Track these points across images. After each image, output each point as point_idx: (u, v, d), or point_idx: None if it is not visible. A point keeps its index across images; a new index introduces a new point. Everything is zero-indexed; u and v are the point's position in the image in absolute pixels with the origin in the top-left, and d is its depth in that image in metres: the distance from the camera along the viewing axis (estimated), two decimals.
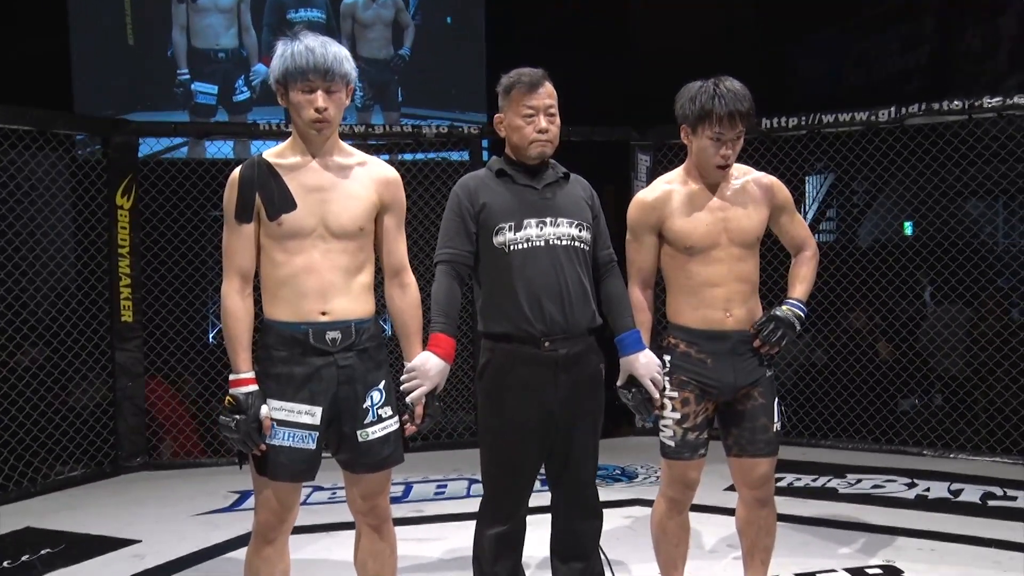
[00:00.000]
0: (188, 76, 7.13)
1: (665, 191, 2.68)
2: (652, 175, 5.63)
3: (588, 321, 2.61)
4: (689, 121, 2.60)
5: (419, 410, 2.47)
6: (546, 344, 2.54)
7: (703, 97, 2.55)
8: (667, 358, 2.67)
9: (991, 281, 5.21)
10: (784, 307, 2.68)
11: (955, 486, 4.43)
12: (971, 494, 4.30)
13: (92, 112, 6.57)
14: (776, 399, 2.71)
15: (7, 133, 4.62)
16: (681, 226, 2.62)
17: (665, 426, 2.66)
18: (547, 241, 2.56)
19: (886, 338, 5.62)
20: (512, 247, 2.55)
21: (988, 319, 5.35)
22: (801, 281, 2.74)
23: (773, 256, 4.62)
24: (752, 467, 2.68)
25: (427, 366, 2.47)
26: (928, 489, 4.41)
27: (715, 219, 2.62)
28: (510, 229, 2.55)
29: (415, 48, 7.53)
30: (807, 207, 7.03)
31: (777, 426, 2.69)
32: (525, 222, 2.56)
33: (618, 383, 2.68)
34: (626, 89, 7.33)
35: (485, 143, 5.70)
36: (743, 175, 2.69)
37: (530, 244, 2.55)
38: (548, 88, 2.59)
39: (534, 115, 2.56)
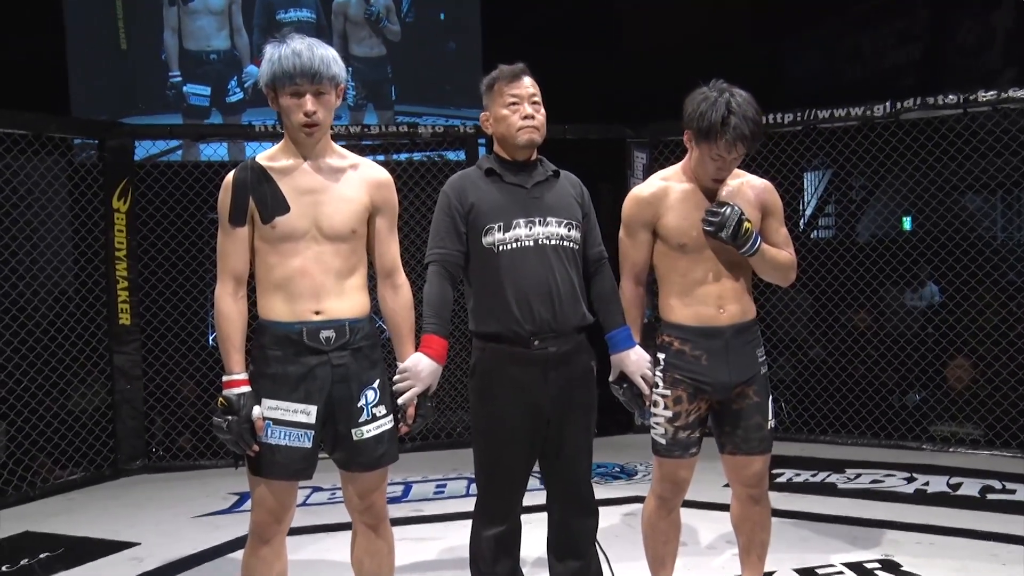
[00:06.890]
0: (180, 78, 7.11)
1: (661, 187, 2.66)
2: (648, 172, 5.62)
3: (578, 320, 2.60)
4: (694, 132, 2.55)
5: (411, 411, 2.47)
6: (535, 343, 2.53)
7: (713, 116, 2.47)
8: (661, 356, 2.66)
9: (988, 275, 5.21)
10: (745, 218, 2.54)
11: (954, 480, 4.44)
12: (970, 488, 4.31)
13: (88, 117, 6.57)
14: (770, 397, 2.71)
15: (2, 137, 4.62)
16: (676, 223, 2.61)
17: (657, 423, 2.66)
18: (536, 241, 2.55)
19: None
20: (501, 247, 2.54)
21: (986, 312, 5.35)
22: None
23: None
24: (746, 465, 2.68)
25: (419, 367, 2.47)
26: (927, 483, 4.41)
27: None
28: (499, 229, 2.54)
29: (409, 44, 7.49)
30: (805, 203, 7.03)
31: (771, 424, 2.70)
32: (514, 222, 2.54)
33: (610, 379, 2.69)
34: (622, 86, 7.32)
35: (482, 141, 5.68)
36: (738, 178, 2.67)
37: (519, 244, 2.54)
38: (530, 79, 2.60)
39: (518, 103, 2.56)
